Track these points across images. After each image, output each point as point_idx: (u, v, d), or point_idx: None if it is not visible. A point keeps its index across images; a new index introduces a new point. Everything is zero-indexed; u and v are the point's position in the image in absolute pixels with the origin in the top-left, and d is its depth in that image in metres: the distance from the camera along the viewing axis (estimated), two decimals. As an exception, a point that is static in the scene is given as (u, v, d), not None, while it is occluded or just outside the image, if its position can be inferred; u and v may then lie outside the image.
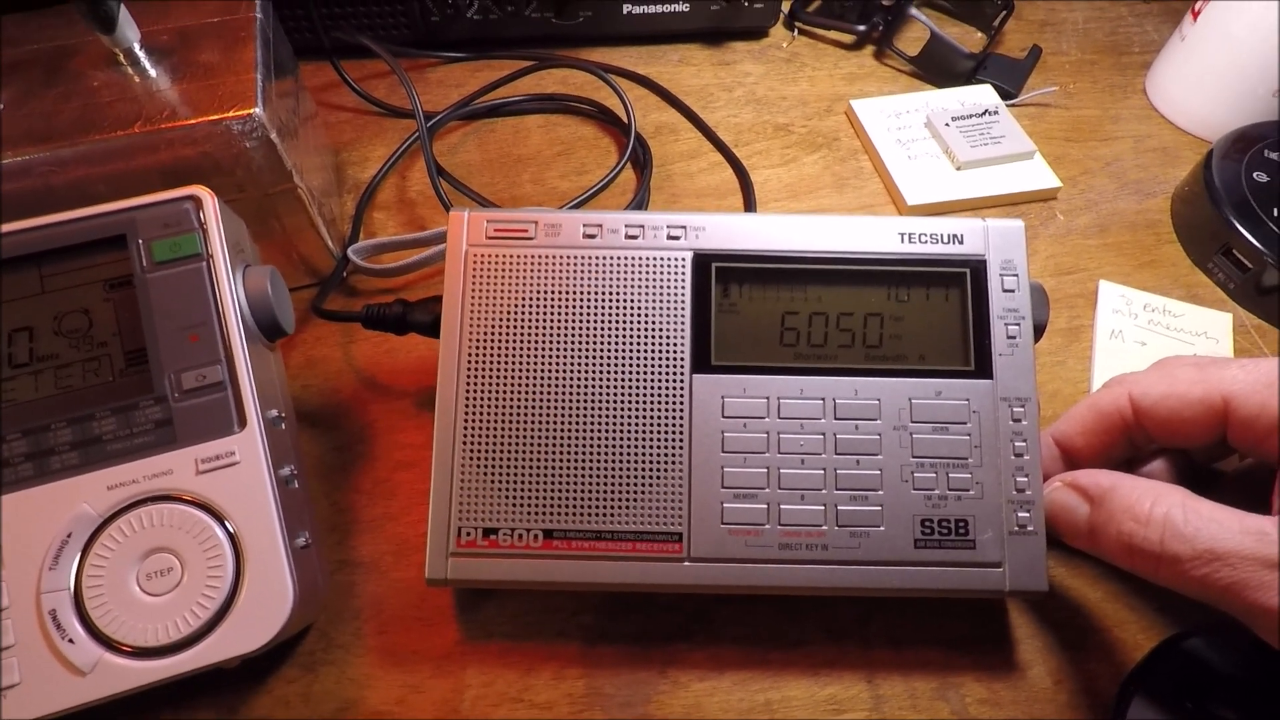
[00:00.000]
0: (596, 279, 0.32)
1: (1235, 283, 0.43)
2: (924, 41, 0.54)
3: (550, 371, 0.31)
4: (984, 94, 0.52)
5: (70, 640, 0.26)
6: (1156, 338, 0.41)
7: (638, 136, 0.49)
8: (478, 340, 0.31)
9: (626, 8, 0.54)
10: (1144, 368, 0.31)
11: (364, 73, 0.53)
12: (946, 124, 0.49)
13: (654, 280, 0.32)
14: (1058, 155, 0.50)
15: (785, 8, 0.58)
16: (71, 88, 0.34)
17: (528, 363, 0.31)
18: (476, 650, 0.32)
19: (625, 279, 0.32)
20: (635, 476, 0.30)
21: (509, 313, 0.31)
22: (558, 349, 0.31)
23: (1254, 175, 0.44)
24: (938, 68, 0.54)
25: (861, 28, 0.56)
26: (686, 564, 0.30)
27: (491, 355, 0.31)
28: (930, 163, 0.49)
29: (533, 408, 0.30)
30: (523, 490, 0.30)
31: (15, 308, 0.29)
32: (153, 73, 0.35)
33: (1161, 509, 0.26)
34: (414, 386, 0.39)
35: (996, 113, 0.50)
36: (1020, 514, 0.30)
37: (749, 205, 0.47)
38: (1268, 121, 0.48)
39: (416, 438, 0.37)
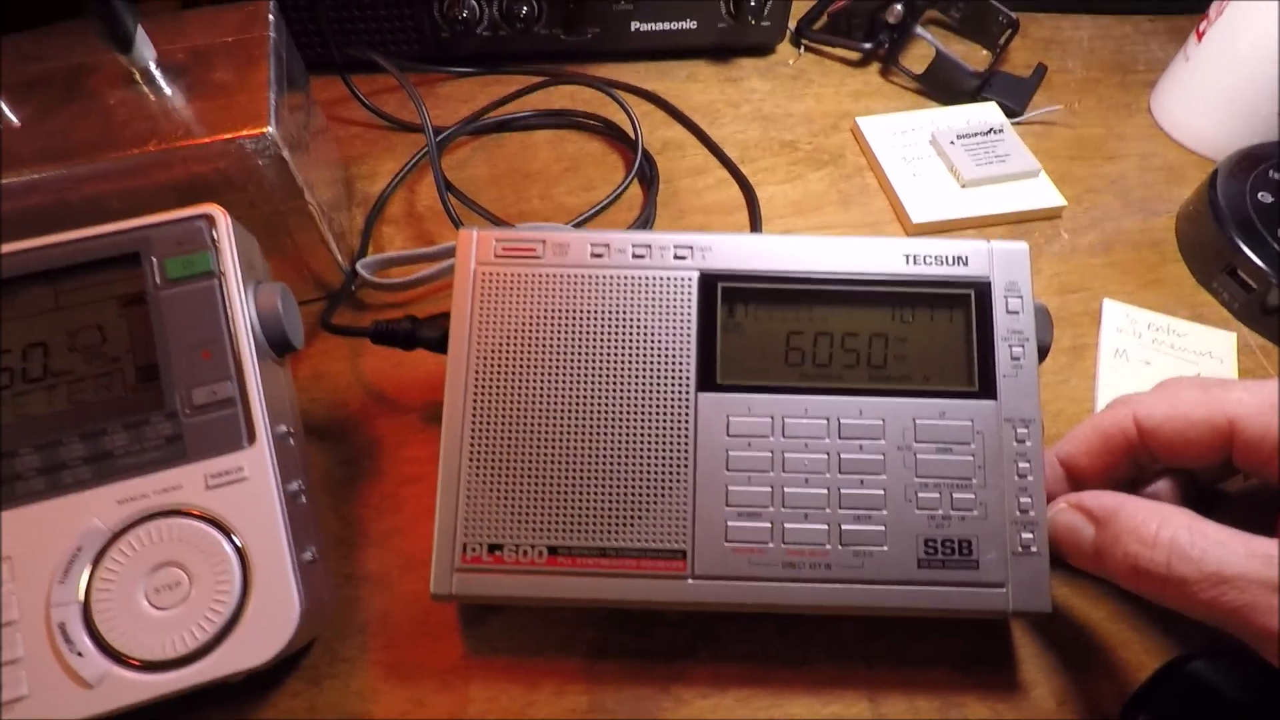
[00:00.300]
0: (603, 298, 0.32)
1: (1240, 303, 0.43)
2: (929, 59, 0.55)
3: (556, 389, 0.31)
4: (989, 112, 0.53)
5: (79, 653, 0.26)
6: (1161, 357, 0.41)
7: (645, 153, 0.49)
8: (485, 357, 0.31)
9: (634, 24, 0.55)
10: (1148, 387, 0.32)
11: (374, 87, 0.54)
12: (951, 142, 0.50)
13: (660, 300, 0.32)
14: (1062, 173, 0.50)
15: (792, 25, 0.59)
16: (88, 106, 0.35)
17: (534, 380, 0.31)
18: (481, 665, 0.32)
19: (632, 298, 0.32)
20: (640, 494, 0.30)
21: (516, 331, 0.32)
22: (564, 367, 0.31)
23: (1259, 195, 0.45)
24: (943, 85, 0.55)
25: (867, 45, 0.57)
26: (690, 582, 0.30)
27: (499, 372, 0.31)
28: (935, 180, 0.49)
29: (539, 425, 0.31)
30: (528, 507, 0.30)
31: (30, 323, 0.29)
32: (168, 91, 0.36)
33: (1168, 531, 0.26)
34: (421, 401, 0.40)
35: (1001, 131, 0.50)
36: (1024, 534, 0.30)
37: (754, 222, 0.47)
38: (1272, 142, 0.48)
39: (423, 452, 0.38)
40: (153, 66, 0.36)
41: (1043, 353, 0.32)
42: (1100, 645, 0.33)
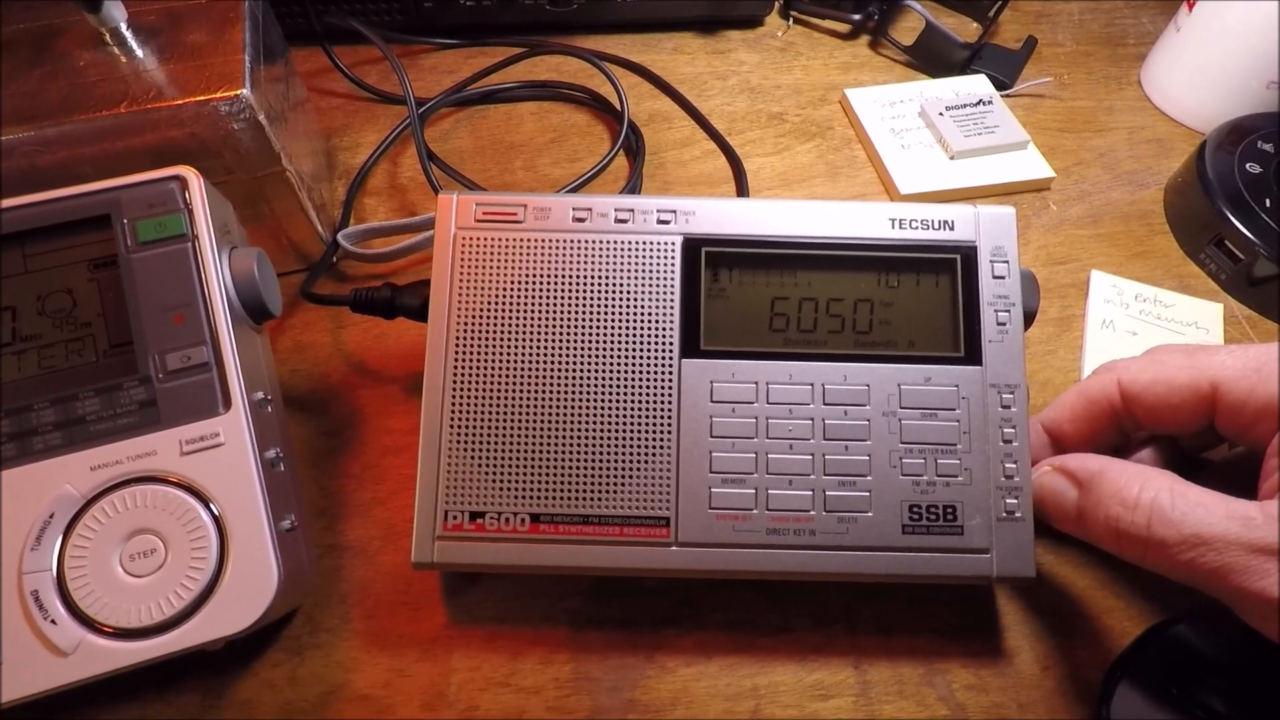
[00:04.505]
0: (585, 263, 0.31)
1: (1227, 273, 0.43)
2: (919, 31, 0.54)
3: (538, 355, 0.31)
4: (978, 84, 0.52)
5: (52, 621, 0.26)
6: (1147, 328, 0.41)
7: (631, 124, 0.48)
8: (466, 324, 0.31)
9: (621, -5, 0.54)
10: None
11: (356, 59, 0.53)
12: (940, 113, 0.49)
13: (643, 264, 0.32)
14: (1051, 146, 0.50)
15: (780, -3, 0.58)
16: (57, 67, 0.34)
17: (516, 346, 0.31)
18: (463, 634, 0.32)
19: (614, 263, 0.32)
20: (623, 461, 0.30)
21: (497, 296, 0.31)
22: (546, 333, 0.31)
23: (1247, 166, 0.44)
24: (932, 58, 0.54)
25: (856, 17, 0.56)
26: (674, 548, 0.30)
27: (479, 339, 0.31)
28: (924, 152, 0.48)
29: (520, 391, 0.30)
30: (510, 474, 0.30)
31: (-2, 287, 0.29)
32: (139, 53, 0.35)
33: (1149, 494, 0.26)
34: (403, 371, 0.39)
35: (990, 103, 0.50)
36: (1008, 500, 0.30)
37: (742, 193, 0.47)
38: (1261, 113, 0.48)
39: (405, 423, 0.37)
40: (123, 27, 0.35)
41: (1029, 318, 0.32)
42: (1084, 612, 0.33)
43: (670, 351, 0.31)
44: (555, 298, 0.31)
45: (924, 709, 0.31)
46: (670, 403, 0.30)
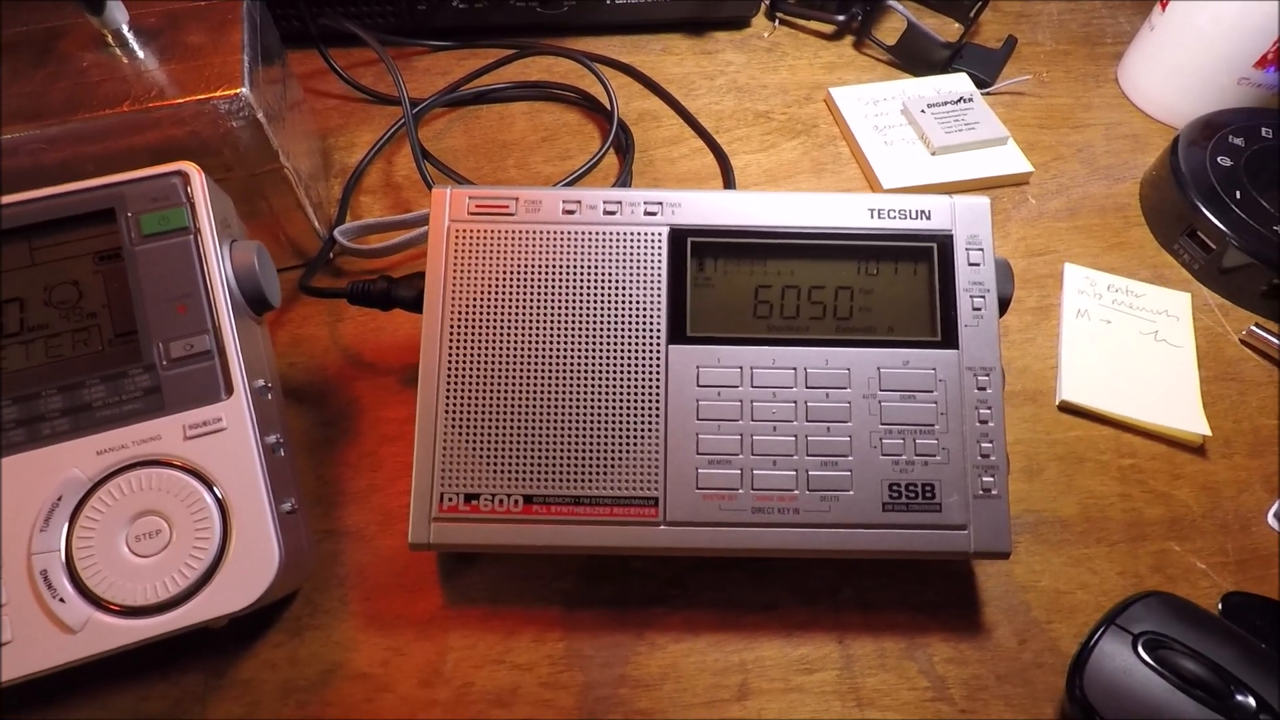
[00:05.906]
0: (575, 253, 0.33)
1: (1200, 263, 0.45)
2: (901, 31, 0.55)
3: (530, 342, 0.32)
4: (959, 82, 0.54)
5: (61, 599, 0.27)
6: (1120, 316, 0.42)
7: (620, 123, 0.50)
8: (460, 313, 0.32)
9: (610, -3, 0.55)
10: (1109, 345, 0.31)
11: (351, 61, 0.54)
12: (922, 111, 0.50)
13: (631, 255, 0.33)
14: (1031, 142, 0.51)
15: (766, -1, 0.59)
16: (60, 68, 0.35)
17: (508, 334, 0.32)
18: (459, 615, 0.33)
19: (603, 253, 0.33)
20: (613, 443, 0.31)
21: (490, 286, 0.32)
22: (538, 321, 0.32)
23: (1218, 160, 0.46)
24: (915, 57, 0.56)
25: (841, 18, 0.57)
26: (662, 527, 0.31)
27: (473, 327, 0.32)
28: (906, 148, 0.50)
29: (513, 377, 0.31)
30: (503, 457, 0.31)
31: (6, 279, 0.30)
32: (141, 54, 0.36)
33: None
34: (399, 363, 0.40)
35: (971, 100, 0.51)
36: (984, 478, 0.31)
37: (729, 189, 0.48)
38: (1232, 108, 0.49)
39: (402, 412, 0.38)
40: (125, 29, 0.36)
41: (1003, 304, 0.33)
42: (1060, 587, 0.34)
43: (658, 338, 0.32)
44: (546, 287, 0.32)
45: (905, 681, 0.32)
46: (658, 387, 0.32)
